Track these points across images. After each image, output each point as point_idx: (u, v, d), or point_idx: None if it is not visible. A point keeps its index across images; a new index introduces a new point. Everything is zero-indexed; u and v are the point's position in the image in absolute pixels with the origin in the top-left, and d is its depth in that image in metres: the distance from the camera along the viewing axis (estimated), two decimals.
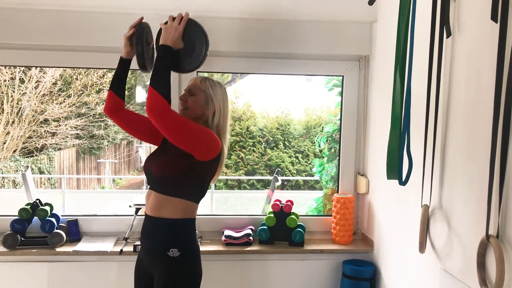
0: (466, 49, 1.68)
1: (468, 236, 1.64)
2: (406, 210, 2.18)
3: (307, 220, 2.87)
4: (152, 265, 1.97)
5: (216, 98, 2.01)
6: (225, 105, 2.05)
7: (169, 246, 1.89)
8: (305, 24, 2.62)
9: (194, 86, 2.03)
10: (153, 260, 1.96)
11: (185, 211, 1.94)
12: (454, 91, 1.75)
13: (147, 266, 2.01)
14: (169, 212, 1.91)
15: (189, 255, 1.93)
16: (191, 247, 1.95)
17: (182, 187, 1.92)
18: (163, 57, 1.87)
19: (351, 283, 2.57)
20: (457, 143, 1.72)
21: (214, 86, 2.03)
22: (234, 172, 9.83)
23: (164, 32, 1.91)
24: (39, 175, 9.59)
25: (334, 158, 3.63)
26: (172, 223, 1.92)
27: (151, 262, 1.97)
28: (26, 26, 2.50)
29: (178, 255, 1.89)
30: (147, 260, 2.00)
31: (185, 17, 1.92)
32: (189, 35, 1.95)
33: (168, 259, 1.88)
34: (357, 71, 2.78)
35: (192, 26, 1.96)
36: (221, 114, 2.02)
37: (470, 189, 1.62)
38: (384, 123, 2.43)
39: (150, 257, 1.97)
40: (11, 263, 2.56)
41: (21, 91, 8.91)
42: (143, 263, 2.03)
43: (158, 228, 1.94)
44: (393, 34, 1.86)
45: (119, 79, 2.10)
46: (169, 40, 1.88)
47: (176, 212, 1.92)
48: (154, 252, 1.95)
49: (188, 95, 2.02)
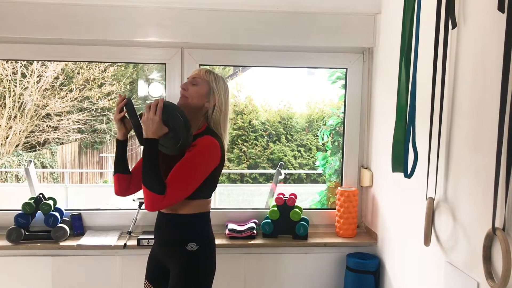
0: (472, 40, 1.66)
1: (473, 229, 1.63)
2: (410, 203, 2.17)
3: (310, 214, 2.86)
4: (168, 259, 2.00)
5: (219, 92, 2.00)
6: (227, 100, 2.04)
7: (187, 241, 1.93)
8: (308, 16, 2.60)
9: (198, 76, 2.01)
10: (170, 254, 1.99)
11: (199, 207, 1.97)
12: (459, 82, 1.73)
13: (162, 259, 2.04)
14: (184, 209, 1.94)
15: (207, 248, 1.99)
16: (208, 240, 2.01)
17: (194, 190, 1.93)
18: (149, 150, 1.83)
19: (355, 276, 2.56)
20: (462, 135, 1.71)
21: (218, 80, 2.01)
22: (236, 166, 9.82)
23: (144, 125, 1.84)
24: (41, 169, 9.59)
25: (338, 151, 3.62)
26: (188, 218, 1.96)
27: (167, 256, 2.00)
28: (28, 20, 2.49)
29: (196, 249, 1.93)
30: (163, 253, 2.03)
31: (159, 104, 1.82)
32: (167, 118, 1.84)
33: (186, 253, 1.93)
34: (361, 64, 2.76)
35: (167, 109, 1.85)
36: (222, 109, 2.01)
37: (476, 182, 1.61)
38: (388, 115, 2.42)
39: (167, 251, 2.00)
40: (15, 257, 2.57)
41: (23, 86, 8.90)
42: (157, 256, 2.08)
43: (174, 224, 1.97)
44: (397, 26, 1.85)
45: (121, 160, 2.05)
46: (149, 132, 1.82)
47: (191, 209, 1.95)
48: (171, 247, 1.98)
49: (191, 84, 2.00)
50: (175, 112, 1.85)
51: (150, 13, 2.55)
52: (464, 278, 1.67)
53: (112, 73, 9.98)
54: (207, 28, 2.58)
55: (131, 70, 10.55)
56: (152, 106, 1.82)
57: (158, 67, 9.59)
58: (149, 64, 9.28)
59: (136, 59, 2.72)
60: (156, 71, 10.50)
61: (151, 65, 10.08)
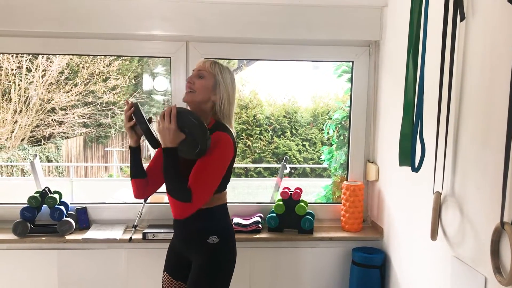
0: (480, 33, 1.64)
1: (481, 223, 1.62)
2: (416, 197, 2.16)
3: (316, 208, 2.86)
4: (190, 252, 2.02)
5: (225, 84, 1.98)
6: (233, 92, 2.03)
7: (209, 234, 1.94)
8: (314, 9, 2.58)
9: (204, 69, 1.98)
10: (191, 247, 2.00)
11: (217, 200, 1.99)
12: (467, 76, 1.71)
13: (183, 252, 2.06)
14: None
15: (228, 240, 2.01)
16: (228, 233, 2.03)
17: None
18: (169, 159, 1.83)
19: (360, 270, 2.56)
20: (470, 129, 1.69)
21: (224, 72, 1.99)
22: (241, 160, 9.83)
23: (160, 135, 1.84)
24: (47, 163, 9.63)
25: (343, 146, 3.61)
26: (208, 212, 1.96)
27: (188, 249, 2.02)
28: (32, 14, 2.48)
29: (217, 241, 1.95)
30: (184, 247, 2.04)
31: (173, 112, 1.81)
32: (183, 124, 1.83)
33: (208, 245, 1.94)
34: (367, 57, 2.74)
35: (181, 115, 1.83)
36: (230, 101, 2.00)
37: (484, 176, 1.60)
38: (395, 109, 2.40)
39: (188, 245, 2.02)
40: (21, 251, 2.57)
41: (28, 80, 8.92)
42: (177, 249, 2.09)
43: (194, 218, 1.92)
44: (404, 19, 1.83)
45: (136, 166, 2.07)
46: (167, 141, 1.81)
47: (210, 202, 1.94)
48: (192, 240, 1.99)
49: (197, 77, 1.97)
50: (189, 117, 1.82)
51: (155, 6, 2.54)
52: (472, 273, 1.66)
53: (117, 67, 9.99)
54: (212, 22, 2.56)
55: (136, 64, 10.56)
56: (166, 115, 1.80)
57: (163, 60, 9.59)
58: (154, 57, 9.28)
59: (141, 52, 2.71)
60: (160, 65, 10.50)
61: (155, 59, 10.09)
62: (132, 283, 2.63)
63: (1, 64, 8.50)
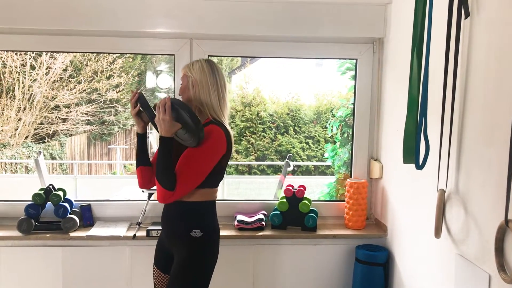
0: (485, 30, 1.63)
1: (485, 221, 1.62)
2: (420, 195, 2.16)
3: (319, 205, 2.85)
4: (173, 245, 2.04)
5: (193, 73, 2.02)
6: (203, 76, 2.00)
7: (192, 227, 1.97)
8: (317, 6, 2.58)
9: (182, 76, 2.07)
10: (175, 240, 2.02)
11: (205, 195, 2.01)
12: (472, 73, 1.71)
13: (167, 246, 2.09)
14: (190, 197, 1.98)
15: (210, 235, 2.02)
16: (212, 228, 2.04)
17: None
18: (163, 148, 1.89)
19: (364, 268, 2.56)
20: (475, 127, 1.69)
21: (193, 65, 2.04)
22: (244, 158, 9.82)
23: (158, 126, 1.90)
24: (51, 160, 9.65)
25: (347, 143, 3.60)
26: (194, 206, 1.99)
27: (172, 243, 2.04)
28: (36, 11, 2.49)
29: (200, 236, 1.96)
30: (168, 241, 2.07)
31: (167, 103, 1.86)
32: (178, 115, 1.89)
33: (190, 239, 1.96)
34: (371, 54, 2.74)
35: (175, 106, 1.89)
36: (200, 86, 2.00)
37: (488, 173, 1.59)
38: (399, 106, 2.40)
39: (172, 238, 2.04)
40: (26, 247, 2.59)
41: (32, 78, 8.94)
42: (163, 243, 2.13)
43: (179, 211, 2.00)
44: (408, 16, 1.82)
45: (142, 152, 2.11)
46: (163, 132, 1.88)
47: (196, 197, 1.98)
48: (176, 233, 2.01)
49: (181, 85, 2.08)
50: (182, 108, 1.89)
51: (159, 4, 2.54)
52: (476, 270, 1.66)
53: (120, 65, 9.99)
54: (215, 19, 2.56)
55: (139, 61, 10.55)
56: (161, 107, 1.87)
57: (166, 58, 9.58)
58: (157, 55, 9.28)
59: (145, 50, 2.71)
60: (164, 62, 10.49)
61: (159, 57, 10.07)
62: (135, 280, 2.64)
63: (5, 62, 8.52)
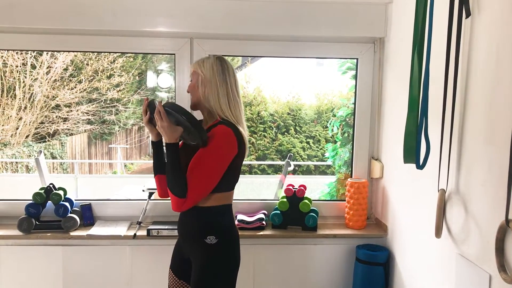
0: (486, 30, 1.63)
1: (486, 221, 1.62)
2: (421, 195, 2.15)
3: (320, 205, 2.85)
4: (190, 251, 1.99)
5: (203, 71, 1.94)
6: (212, 75, 1.92)
7: (207, 234, 1.90)
8: (318, 5, 2.58)
9: (191, 73, 2.01)
10: (190, 246, 1.98)
11: (220, 199, 1.94)
12: (472, 73, 1.70)
13: (184, 251, 2.04)
14: (205, 202, 1.91)
15: (226, 241, 1.95)
16: (228, 233, 1.97)
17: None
18: (169, 155, 1.85)
19: (364, 267, 2.56)
20: (475, 127, 1.68)
21: (203, 62, 1.97)
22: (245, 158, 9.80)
23: (161, 134, 1.87)
24: (51, 160, 9.65)
25: (348, 143, 3.60)
26: (208, 211, 1.93)
27: (189, 249, 2.00)
28: (37, 10, 2.49)
29: (215, 242, 1.90)
30: (185, 246, 2.03)
31: (161, 110, 1.80)
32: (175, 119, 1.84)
33: (205, 246, 1.90)
34: (372, 54, 2.73)
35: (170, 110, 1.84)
36: (208, 85, 1.92)
37: (489, 173, 1.59)
38: (400, 106, 2.39)
39: (188, 244, 2.00)
40: (26, 247, 2.59)
41: (33, 77, 8.94)
42: (180, 247, 2.09)
43: (194, 217, 1.94)
44: (409, 16, 1.82)
45: (159, 160, 2.04)
46: (166, 138, 1.83)
47: (212, 201, 1.92)
48: (191, 239, 1.97)
49: (190, 82, 2.02)
50: (176, 111, 1.83)
51: (160, 3, 2.54)
52: (476, 270, 1.66)
53: (121, 64, 9.99)
54: (216, 18, 2.56)
55: (140, 61, 10.55)
56: (156, 114, 1.81)
57: (167, 57, 9.58)
58: (158, 54, 9.28)
59: (145, 49, 2.71)
60: (164, 62, 10.49)
61: (159, 56, 10.07)
62: (136, 280, 2.64)
63: (6, 61, 8.52)
